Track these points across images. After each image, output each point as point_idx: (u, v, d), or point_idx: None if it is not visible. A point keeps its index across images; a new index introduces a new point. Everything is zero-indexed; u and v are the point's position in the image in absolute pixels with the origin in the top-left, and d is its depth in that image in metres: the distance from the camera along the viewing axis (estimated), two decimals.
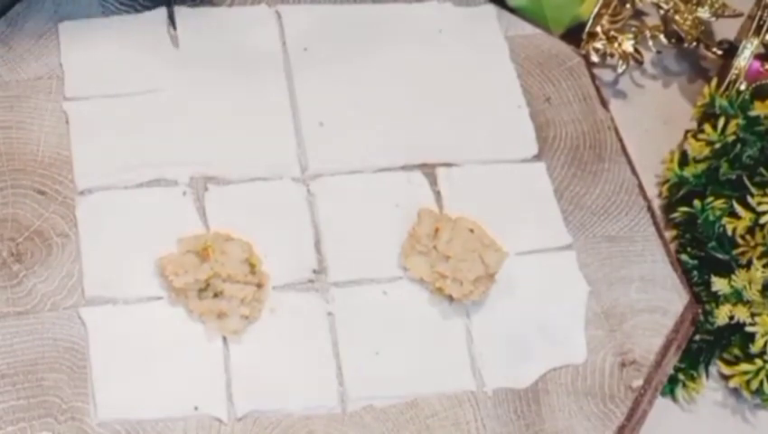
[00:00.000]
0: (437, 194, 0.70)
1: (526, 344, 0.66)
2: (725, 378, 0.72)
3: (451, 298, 0.66)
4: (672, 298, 0.70)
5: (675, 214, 0.75)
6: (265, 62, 0.73)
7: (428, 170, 0.71)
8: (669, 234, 0.75)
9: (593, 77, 0.78)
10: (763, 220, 0.70)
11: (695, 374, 0.71)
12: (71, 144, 0.69)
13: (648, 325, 0.68)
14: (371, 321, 0.66)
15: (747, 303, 0.70)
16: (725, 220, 0.71)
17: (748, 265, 0.70)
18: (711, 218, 0.72)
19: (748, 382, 0.70)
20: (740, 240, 0.71)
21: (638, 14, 0.85)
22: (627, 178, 0.73)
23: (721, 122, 0.75)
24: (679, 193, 0.76)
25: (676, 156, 0.77)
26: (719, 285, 0.70)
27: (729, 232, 0.71)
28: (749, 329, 0.69)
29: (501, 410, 0.64)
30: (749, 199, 0.71)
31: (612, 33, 0.82)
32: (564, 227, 0.70)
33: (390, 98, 0.73)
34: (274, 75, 0.73)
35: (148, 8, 0.74)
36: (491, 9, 0.78)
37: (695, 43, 0.82)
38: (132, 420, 0.61)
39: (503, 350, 0.66)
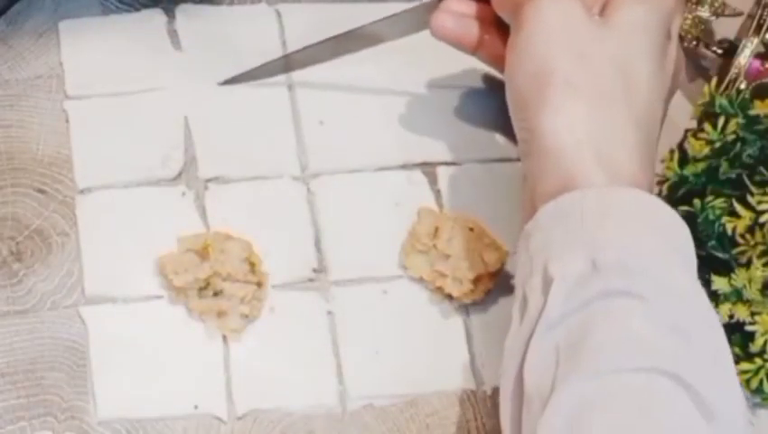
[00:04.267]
0: (437, 193, 0.70)
1: None
2: None
3: (451, 297, 0.66)
4: None
5: None
6: (264, 61, 0.73)
7: (428, 169, 0.71)
8: None
9: None
10: (762, 219, 0.70)
11: None
12: (72, 142, 0.69)
13: None
14: (371, 320, 0.66)
15: (747, 302, 0.70)
16: (724, 219, 0.71)
17: (748, 264, 0.70)
18: (711, 217, 0.72)
19: (748, 381, 0.70)
20: (740, 240, 0.71)
21: None
22: None
23: (721, 121, 0.75)
24: (678, 193, 0.76)
25: (676, 156, 0.77)
26: (719, 284, 0.70)
27: (729, 231, 0.71)
28: (749, 328, 0.69)
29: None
30: (749, 198, 0.71)
31: None
32: None
33: (390, 96, 0.73)
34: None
35: (148, 7, 0.74)
36: None
37: (695, 42, 0.82)
38: (132, 419, 0.61)
39: (503, 349, 0.66)
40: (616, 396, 0.51)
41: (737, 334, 0.71)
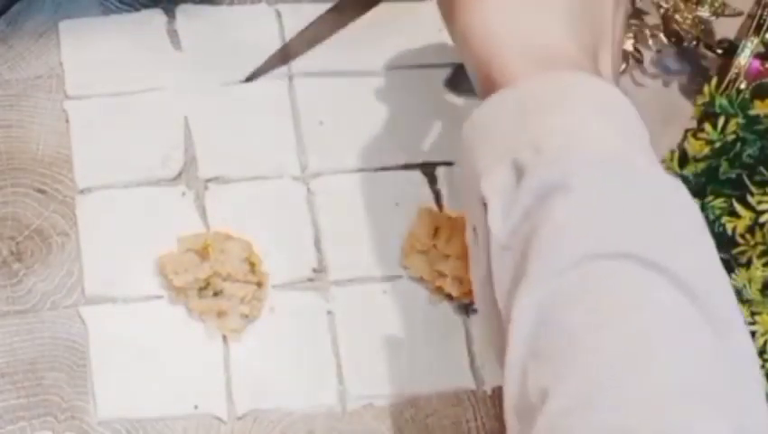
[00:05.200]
0: (437, 193, 0.70)
1: None
2: None
3: (451, 297, 0.66)
4: None
5: None
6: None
7: (428, 169, 0.71)
8: None
9: None
10: (762, 219, 0.70)
11: None
12: (72, 142, 0.69)
13: None
14: (371, 320, 0.66)
15: (747, 302, 0.70)
16: (724, 219, 0.71)
17: (748, 264, 0.70)
18: (711, 217, 0.72)
19: None
20: (740, 240, 0.71)
21: (638, 13, 0.85)
22: None
23: (721, 121, 0.75)
24: None
25: (676, 156, 0.77)
26: None
27: (729, 231, 0.71)
28: (749, 328, 0.69)
29: (500, 408, 0.64)
30: (749, 198, 0.71)
31: None
32: None
33: (390, 96, 0.73)
34: (273, 73, 0.73)
35: (148, 7, 0.74)
36: None
37: (695, 42, 0.82)
38: (132, 419, 0.61)
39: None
40: (565, 296, 0.47)
41: None
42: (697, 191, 0.74)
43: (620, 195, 0.49)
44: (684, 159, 0.77)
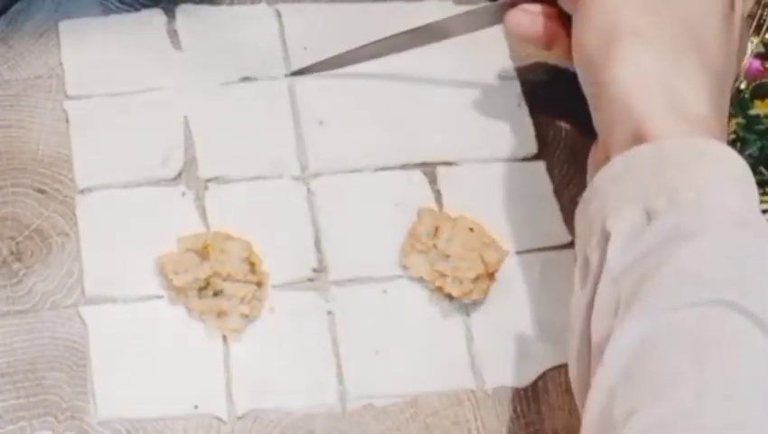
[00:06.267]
0: (437, 193, 0.70)
1: (525, 343, 0.66)
2: None
3: (451, 297, 0.66)
4: None
5: None
6: (265, 61, 0.73)
7: (428, 169, 0.71)
8: None
9: None
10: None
11: None
12: (72, 142, 0.69)
13: None
14: (371, 320, 0.66)
15: None
16: None
17: None
18: None
19: None
20: None
21: None
22: None
23: None
24: None
25: None
26: None
27: None
28: None
29: (500, 408, 0.64)
30: None
31: None
32: (564, 226, 0.70)
33: (390, 96, 0.73)
34: (273, 73, 0.73)
35: (148, 7, 0.74)
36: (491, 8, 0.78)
37: None
38: (132, 419, 0.61)
39: (503, 349, 0.66)
40: (674, 332, 0.51)
41: None
42: None
43: (741, 252, 0.53)
44: None
